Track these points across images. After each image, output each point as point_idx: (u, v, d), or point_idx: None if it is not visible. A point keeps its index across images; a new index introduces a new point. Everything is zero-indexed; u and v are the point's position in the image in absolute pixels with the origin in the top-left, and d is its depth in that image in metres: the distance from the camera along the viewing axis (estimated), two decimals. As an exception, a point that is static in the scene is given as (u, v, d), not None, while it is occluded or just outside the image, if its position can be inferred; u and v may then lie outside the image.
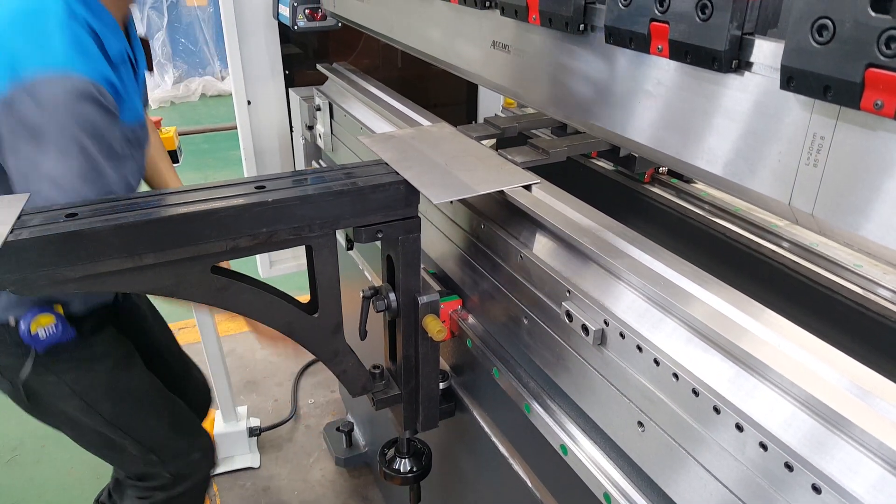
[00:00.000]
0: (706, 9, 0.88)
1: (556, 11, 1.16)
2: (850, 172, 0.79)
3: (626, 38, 1.02)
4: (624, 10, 1.00)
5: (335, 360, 1.55)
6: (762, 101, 0.88)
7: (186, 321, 4.04)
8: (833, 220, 0.82)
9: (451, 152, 1.56)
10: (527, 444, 1.43)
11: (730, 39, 0.87)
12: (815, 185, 0.83)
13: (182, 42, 8.77)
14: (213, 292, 1.36)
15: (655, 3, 0.95)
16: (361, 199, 1.38)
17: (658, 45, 0.96)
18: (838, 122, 0.79)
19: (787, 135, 0.85)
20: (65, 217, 1.23)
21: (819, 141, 0.81)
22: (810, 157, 0.82)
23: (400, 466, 1.79)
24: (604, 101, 1.17)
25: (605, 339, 1.11)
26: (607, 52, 1.12)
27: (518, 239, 1.36)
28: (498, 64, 1.44)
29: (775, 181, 0.88)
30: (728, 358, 0.93)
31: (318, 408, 3.46)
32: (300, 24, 2.52)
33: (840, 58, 0.72)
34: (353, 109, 2.21)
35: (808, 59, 0.76)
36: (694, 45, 0.91)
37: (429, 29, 1.72)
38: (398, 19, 1.88)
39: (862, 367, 0.84)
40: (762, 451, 0.85)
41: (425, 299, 1.51)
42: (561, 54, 1.25)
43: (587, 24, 1.15)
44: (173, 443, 2.12)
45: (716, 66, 0.90)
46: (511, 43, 1.38)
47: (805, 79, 0.77)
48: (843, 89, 0.73)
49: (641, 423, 1.05)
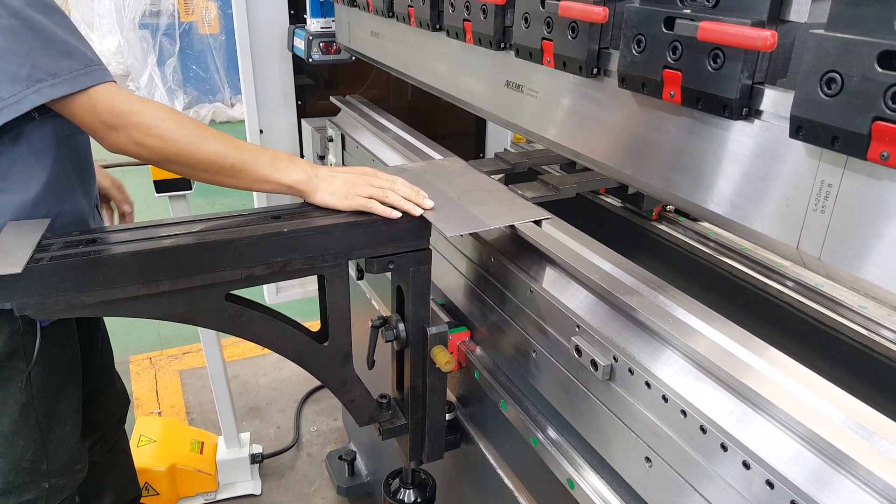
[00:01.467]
0: (718, 58, 0.91)
1: (571, 56, 1.19)
2: (857, 219, 0.81)
3: (639, 83, 1.05)
4: (637, 56, 1.03)
5: (343, 388, 1.56)
6: (772, 148, 0.91)
7: (191, 345, 4.05)
8: (839, 265, 0.84)
9: (463, 186, 1.59)
10: (533, 477, 1.44)
11: (741, 88, 0.90)
12: (822, 231, 0.85)
13: (193, 69, 8.89)
14: (227, 319, 1.38)
15: (669, 51, 0.98)
16: (374, 230, 1.41)
17: (670, 92, 0.99)
18: (846, 170, 0.81)
19: (795, 181, 0.88)
20: (84, 243, 1.25)
21: (827, 188, 0.83)
22: (818, 204, 0.85)
23: (404, 497, 1.79)
24: (616, 143, 1.19)
25: (614, 374, 1.12)
26: (620, 96, 1.15)
27: (528, 273, 1.38)
28: (511, 103, 1.48)
29: (784, 225, 0.90)
30: (736, 396, 0.95)
31: (321, 436, 3.45)
32: (315, 58, 2.57)
33: (848, 110, 0.75)
34: (365, 141, 2.25)
35: (816, 110, 0.79)
36: (706, 93, 0.94)
37: (443, 67, 1.76)
38: (413, 56, 1.92)
39: (866, 408, 0.86)
40: (769, 488, 0.86)
41: (434, 330, 1.53)
42: (574, 97, 1.28)
43: (601, 69, 1.18)
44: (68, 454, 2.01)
45: (727, 114, 0.92)
46: (524, 83, 1.41)
47: (813, 129, 0.80)
48: (851, 140, 0.76)
49: (649, 459, 1.07)
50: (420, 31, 1.73)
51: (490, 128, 3.32)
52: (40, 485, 1.94)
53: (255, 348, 3.98)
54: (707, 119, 0.99)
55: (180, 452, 2.98)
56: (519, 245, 1.44)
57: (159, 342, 4.12)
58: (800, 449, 0.86)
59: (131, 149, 1.41)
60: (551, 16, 1.20)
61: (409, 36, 1.91)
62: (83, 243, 1.26)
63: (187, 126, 1.42)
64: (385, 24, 2.02)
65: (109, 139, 1.41)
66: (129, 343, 4.06)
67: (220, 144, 1.43)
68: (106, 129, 1.39)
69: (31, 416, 1.80)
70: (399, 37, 1.98)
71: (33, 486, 1.93)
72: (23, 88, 1.35)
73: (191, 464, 2.97)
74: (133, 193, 2.19)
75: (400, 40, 1.97)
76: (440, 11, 1.63)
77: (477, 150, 3.38)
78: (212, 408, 3.28)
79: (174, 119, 1.41)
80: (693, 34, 0.89)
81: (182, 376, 3.86)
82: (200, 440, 3.09)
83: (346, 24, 2.39)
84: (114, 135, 1.40)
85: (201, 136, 1.41)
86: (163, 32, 8.60)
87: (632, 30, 1.03)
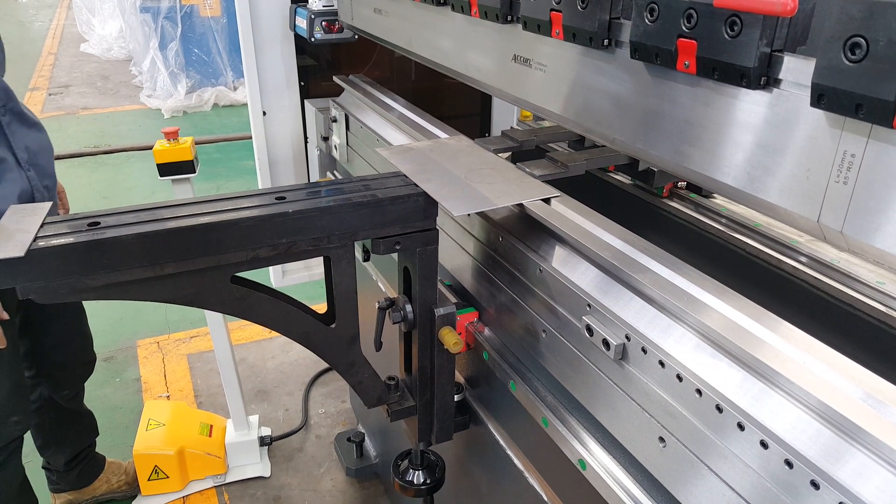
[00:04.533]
0: (735, 25, 0.87)
1: (580, 27, 1.16)
2: (882, 190, 0.78)
3: (652, 53, 1.02)
4: (650, 25, 1.00)
5: (351, 370, 1.55)
6: (791, 119, 0.88)
7: (199, 329, 4.05)
8: (863, 238, 0.81)
9: (470, 165, 1.56)
10: (543, 458, 1.43)
11: (759, 56, 0.86)
12: (844, 203, 0.82)
13: (195, 52, 8.83)
14: (233, 301, 1.37)
15: (683, 19, 0.94)
16: (380, 210, 1.38)
17: (685, 62, 0.96)
18: (870, 139, 0.78)
19: (816, 152, 0.85)
20: (87, 226, 1.24)
21: (850, 159, 0.80)
22: (840, 175, 0.82)
23: (413, 478, 1.79)
24: (628, 117, 1.16)
25: (627, 353, 1.10)
26: (632, 68, 1.12)
27: (537, 252, 1.36)
28: (518, 78, 1.45)
29: (804, 198, 0.87)
30: (752, 374, 0.93)
31: (329, 418, 3.46)
32: (317, 37, 2.54)
33: (873, 76, 0.72)
34: (370, 121, 2.22)
35: (839, 77, 0.76)
36: (722, 62, 0.91)
37: (448, 43, 1.73)
38: (417, 32, 1.89)
39: (888, 384, 0.84)
40: (788, 468, 0.84)
41: (442, 311, 1.51)
42: (584, 69, 1.25)
43: (611, 40, 1.14)
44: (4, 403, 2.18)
45: (744, 83, 0.89)
46: (532, 57, 1.38)
47: (836, 97, 0.77)
48: (876, 108, 0.73)
49: (662, 439, 1.05)
50: (424, 7, 1.70)
51: (496, 106, 3.28)
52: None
53: (263, 331, 3.98)
54: (723, 90, 0.96)
55: (189, 436, 2.99)
56: (527, 224, 1.42)
57: (167, 326, 4.13)
58: (819, 427, 0.84)
59: None
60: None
61: (412, 11, 1.87)
62: (86, 226, 1.24)
63: None
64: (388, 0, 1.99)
65: None
66: (136, 327, 4.06)
67: None
68: None
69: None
70: (403, 13, 1.94)
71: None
72: None
73: (200, 447, 2.98)
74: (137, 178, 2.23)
75: (403, 16, 1.94)
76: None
77: (483, 129, 3.35)
78: (220, 391, 3.29)
79: None
80: (709, 0, 0.86)
81: (190, 360, 3.86)
82: (209, 423, 3.09)
83: (348, 1, 2.35)
84: None
85: None
86: (164, 16, 8.55)
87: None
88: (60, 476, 2.82)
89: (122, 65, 10.87)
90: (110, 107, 8.99)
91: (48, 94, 9.52)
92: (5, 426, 2.22)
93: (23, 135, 2.14)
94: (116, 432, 3.32)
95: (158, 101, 8.70)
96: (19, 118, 2.14)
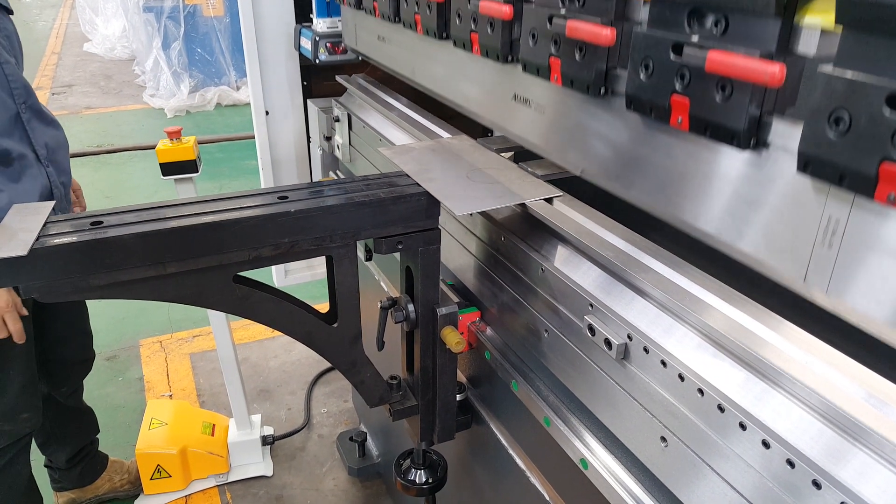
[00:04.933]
0: (726, 88, 0.88)
1: (578, 75, 1.16)
2: (865, 257, 0.78)
3: (647, 107, 1.02)
4: (645, 81, 1.00)
5: (353, 370, 1.55)
6: (780, 180, 0.88)
7: (201, 328, 4.06)
8: (847, 301, 0.82)
9: (472, 164, 1.56)
10: (545, 457, 1.43)
11: (749, 119, 0.87)
12: (829, 266, 0.82)
13: (198, 52, 8.84)
14: (235, 301, 1.37)
15: (677, 78, 0.95)
16: (383, 210, 1.39)
17: (678, 118, 0.96)
18: (853, 207, 0.79)
19: (802, 214, 0.85)
20: (90, 225, 1.24)
21: (834, 224, 0.81)
22: (825, 238, 0.82)
23: (415, 478, 1.79)
24: (621, 162, 1.16)
25: (629, 353, 1.10)
26: (627, 117, 1.12)
27: (539, 252, 1.36)
28: (519, 116, 1.45)
29: (790, 257, 0.87)
30: (754, 373, 0.93)
31: (331, 417, 3.46)
32: (322, 59, 2.59)
33: (855, 149, 0.72)
34: (372, 121, 2.22)
35: (824, 148, 0.76)
36: (713, 122, 0.91)
37: (451, 76, 1.72)
38: (420, 63, 1.88)
39: (891, 385, 0.83)
40: (789, 467, 0.84)
41: (444, 311, 1.51)
42: (581, 114, 1.24)
43: (608, 89, 1.15)
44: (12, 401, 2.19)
45: (735, 143, 0.90)
46: (532, 98, 1.38)
47: (821, 165, 0.77)
48: (858, 180, 0.73)
49: (664, 438, 1.05)
50: (427, 39, 1.70)
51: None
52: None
53: (265, 331, 3.98)
54: (715, 146, 0.96)
55: (192, 435, 3.00)
56: (530, 223, 1.42)
57: (169, 325, 4.13)
58: (821, 427, 0.84)
59: None
60: (558, 34, 1.17)
61: (416, 42, 1.87)
62: (89, 225, 1.24)
63: None
64: (391, 28, 1.98)
65: None
66: (139, 327, 4.07)
67: None
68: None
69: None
70: (406, 42, 1.94)
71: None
72: None
73: (202, 446, 2.98)
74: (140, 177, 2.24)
75: (407, 46, 1.93)
76: (447, 20, 1.59)
77: (485, 129, 3.34)
78: (222, 390, 3.29)
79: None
80: (701, 64, 0.87)
81: (192, 359, 3.87)
82: (212, 422, 3.10)
83: (352, 25, 2.36)
84: None
85: None
86: (167, 15, 8.55)
87: (639, 54, 1.00)
88: (63, 474, 2.82)
89: (125, 64, 10.89)
90: (113, 106, 9.01)
91: (51, 94, 9.54)
92: (16, 423, 2.23)
93: (41, 132, 2.15)
94: (119, 431, 3.32)
95: (161, 101, 8.70)
96: (38, 115, 2.16)
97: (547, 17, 1.19)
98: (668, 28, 0.96)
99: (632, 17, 1.07)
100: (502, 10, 1.30)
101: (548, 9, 1.19)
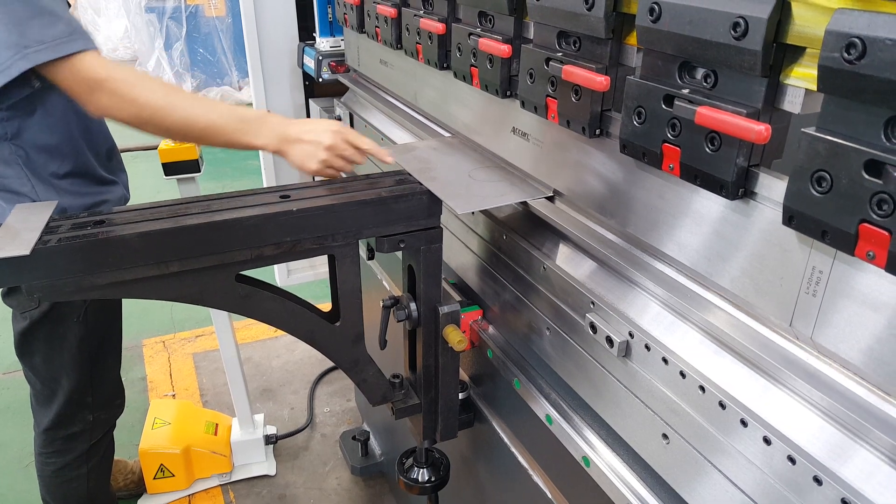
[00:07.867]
0: (715, 141, 0.90)
1: (574, 116, 1.18)
2: (846, 307, 0.81)
3: (640, 152, 1.04)
4: (638, 127, 1.02)
5: (356, 368, 1.56)
6: (766, 230, 0.90)
7: (204, 328, 4.06)
8: (830, 347, 0.84)
9: (474, 163, 1.56)
10: (548, 455, 1.43)
11: (737, 171, 0.89)
12: (813, 313, 0.84)
13: (200, 52, 8.85)
14: (237, 300, 1.37)
15: (668, 127, 0.96)
16: (384, 209, 1.39)
17: (670, 164, 0.98)
18: (835, 261, 0.81)
19: (788, 263, 0.87)
20: (93, 224, 1.24)
21: (818, 274, 0.83)
22: (810, 287, 0.84)
23: (418, 476, 1.79)
24: (615, 200, 1.18)
25: (630, 350, 1.10)
26: (621, 158, 1.13)
27: (541, 250, 1.36)
28: (517, 148, 1.46)
29: (777, 302, 0.89)
30: (755, 370, 0.93)
31: (334, 416, 3.46)
32: (325, 77, 2.62)
33: (836, 208, 0.75)
34: (374, 120, 2.22)
35: (807, 204, 0.78)
36: (703, 172, 0.93)
37: (452, 105, 1.73)
38: (422, 91, 1.89)
39: (892, 382, 0.84)
40: (790, 464, 0.84)
41: (446, 309, 1.51)
42: (577, 152, 1.26)
43: (603, 130, 1.16)
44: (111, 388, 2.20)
45: (723, 193, 0.91)
46: (530, 132, 1.40)
47: (805, 220, 0.79)
48: (839, 236, 0.75)
49: (666, 436, 1.05)
50: (429, 67, 1.71)
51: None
52: (86, 417, 2.09)
53: (268, 330, 3.99)
54: (705, 193, 0.98)
55: (195, 434, 3.00)
56: (531, 221, 1.42)
57: (172, 325, 4.14)
58: (822, 424, 0.84)
59: (111, 112, 1.51)
60: (555, 76, 1.19)
61: (417, 69, 1.88)
62: (91, 224, 1.24)
63: (158, 92, 1.50)
64: (393, 54, 1.99)
65: (91, 104, 1.51)
66: (142, 326, 4.07)
67: (189, 110, 1.50)
68: (87, 94, 1.49)
69: (85, 350, 1.95)
70: (408, 69, 1.95)
71: (79, 419, 2.08)
72: (12, 55, 1.44)
73: (205, 445, 2.99)
74: (142, 178, 2.23)
75: (410, 73, 1.95)
76: (448, 51, 1.60)
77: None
78: (225, 390, 3.30)
79: (146, 85, 1.50)
80: (691, 117, 0.89)
81: (195, 359, 3.87)
82: (215, 422, 3.10)
83: (355, 47, 2.37)
84: (94, 99, 1.49)
85: (172, 102, 1.49)
86: (169, 16, 8.57)
87: (633, 101, 1.02)
88: None
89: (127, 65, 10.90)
90: (116, 107, 9.00)
91: (54, 95, 9.54)
92: (111, 409, 2.23)
93: None
94: (122, 431, 3.30)
95: (164, 101, 8.70)
96: None
97: (544, 59, 1.21)
98: (660, 78, 0.98)
99: (626, 62, 1.09)
100: (501, 48, 1.33)
101: (545, 51, 1.21)
